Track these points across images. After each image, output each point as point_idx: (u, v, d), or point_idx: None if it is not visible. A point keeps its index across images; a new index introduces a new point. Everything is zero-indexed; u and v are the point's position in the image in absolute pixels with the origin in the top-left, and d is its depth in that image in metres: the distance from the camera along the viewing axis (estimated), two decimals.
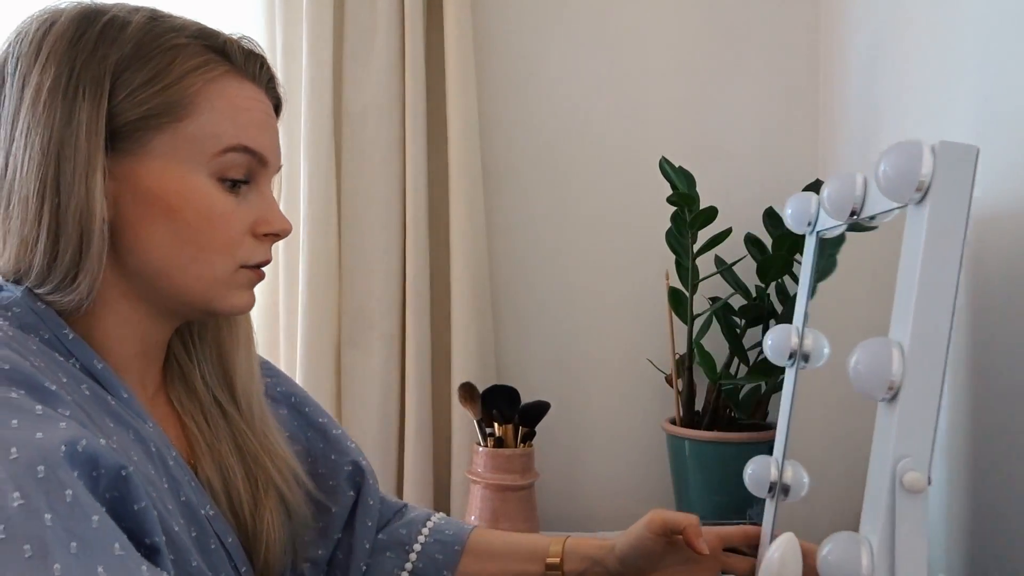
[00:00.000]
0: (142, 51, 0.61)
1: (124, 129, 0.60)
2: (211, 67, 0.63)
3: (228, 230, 0.63)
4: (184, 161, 0.61)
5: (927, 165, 0.55)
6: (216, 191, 0.62)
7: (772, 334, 0.82)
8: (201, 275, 0.63)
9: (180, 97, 0.61)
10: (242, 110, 0.64)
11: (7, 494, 0.44)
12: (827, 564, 0.56)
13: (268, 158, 0.66)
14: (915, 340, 0.54)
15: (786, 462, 0.81)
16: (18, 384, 0.51)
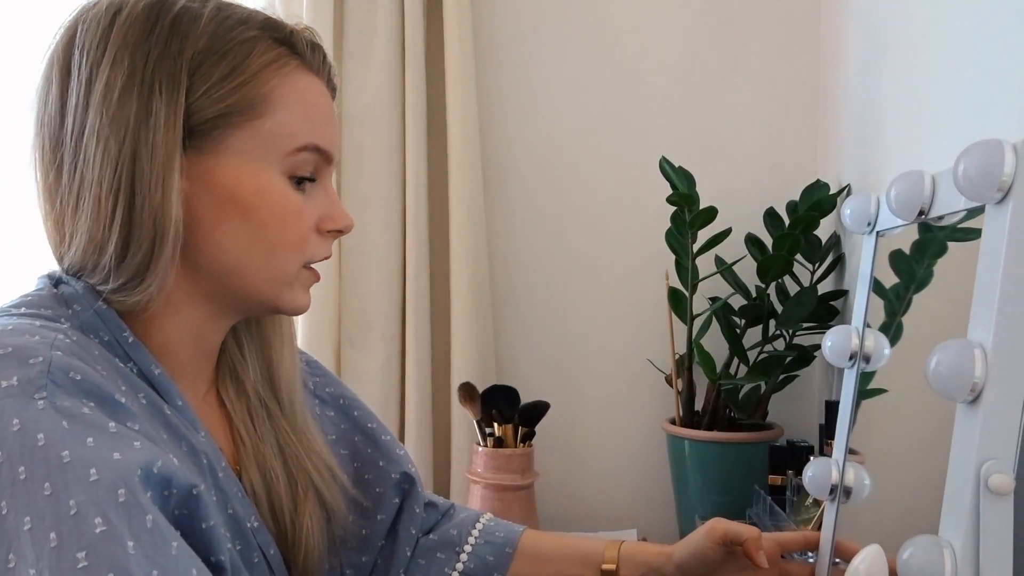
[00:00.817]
0: (217, 44, 0.59)
1: (202, 127, 0.58)
2: (283, 61, 0.61)
3: (300, 228, 0.62)
4: (260, 159, 0.60)
5: (1009, 164, 0.53)
6: (289, 189, 0.62)
7: (832, 335, 0.81)
8: (273, 274, 0.62)
9: (256, 93, 0.59)
10: (313, 106, 0.63)
11: (90, 519, 0.43)
12: (908, 568, 0.55)
13: (334, 155, 0.65)
14: (998, 341, 0.53)
15: (847, 464, 0.80)
16: (89, 396, 0.50)
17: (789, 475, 1.04)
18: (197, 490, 0.51)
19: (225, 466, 0.62)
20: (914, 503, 0.74)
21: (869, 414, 0.84)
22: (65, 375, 0.49)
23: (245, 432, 0.68)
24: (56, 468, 0.44)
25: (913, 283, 0.81)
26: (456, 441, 1.36)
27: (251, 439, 0.68)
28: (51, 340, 0.51)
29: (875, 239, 0.81)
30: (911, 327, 0.81)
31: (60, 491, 0.44)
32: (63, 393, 0.48)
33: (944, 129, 0.92)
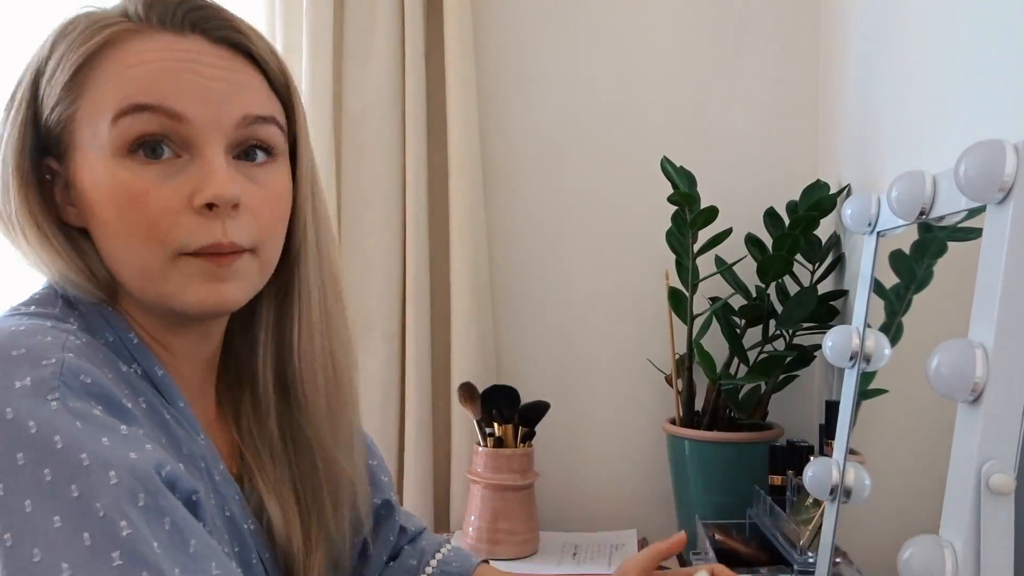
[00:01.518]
0: (53, 46, 0.58)
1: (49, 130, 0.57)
2: (100, 33, 0.56)
3: (147, 210, 0.55)
4: (90, 147, 0.56)
5: (1011, 164, 0.54)
6: (124, 170, 0.55)
7: (833, 335, 0.81)
8: (136, 269, 0.56)
9: (70, 77, 0.56)
10: (137, 65, 0.55)
11: (117, 522, 0.44)
12: (909, 568, 0.55)
13: (180, 110, 0.55)
14: (999, 341, 0.53)
15: (847, 464, 0.80)
16: (98, 399, 0.50)
17: (789, 475, 1.04)
18: (196, 496, 0.52)
19: (223, 469, 0.62)
20: (914, 503, 0.74)
21: (869, 414, 0.84)
22: (76, 377, 0.49)
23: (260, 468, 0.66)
24: (79, 470, 0.45)
25: (913, 283, 0.81)
26: (456, 441, 1.36)
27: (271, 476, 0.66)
28: (63, 341, 0.51)
29: (876, 239, 0.81)
30: (911, 327, 0.81)
31: (87, 493, 0.44)
32: (74, 395, 0.48)
33: (944, 129, 0.92)
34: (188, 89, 0.55)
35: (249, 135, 0.59)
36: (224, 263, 0.57)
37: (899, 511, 0.81)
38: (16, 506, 0.44)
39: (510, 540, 1.20)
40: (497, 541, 1.20)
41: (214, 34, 0.58)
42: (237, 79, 0.58)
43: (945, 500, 0.56)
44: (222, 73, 0.57)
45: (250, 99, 0.59)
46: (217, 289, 0.57)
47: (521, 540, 1.21)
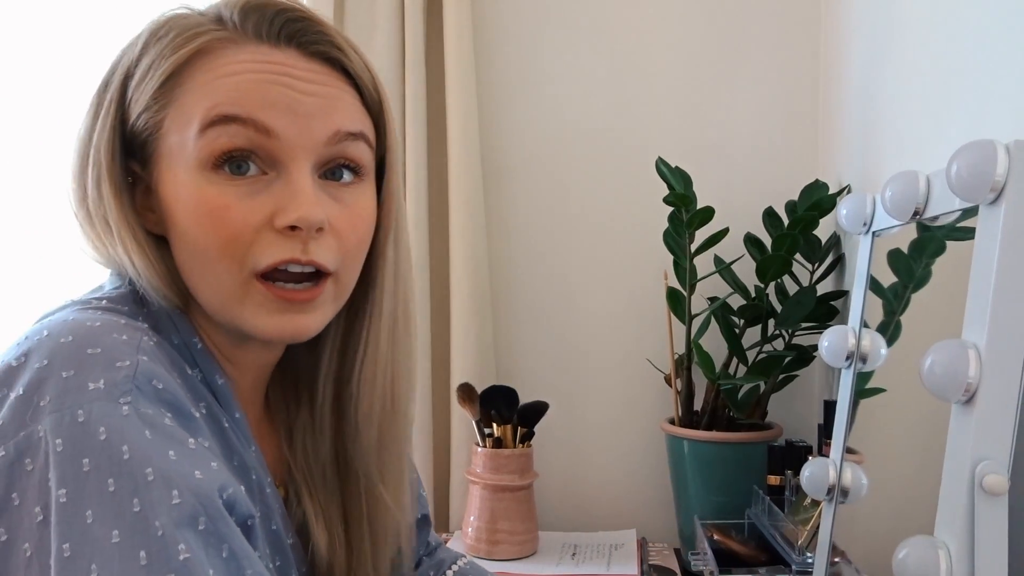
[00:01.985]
0: (144, 49, 0.56)
1: (135, 135, 0.56)
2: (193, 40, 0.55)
3: (227, 227, 0.53)
4: (176, 157, 0.54)
5: (1002, 164, 0.54)
6: (208, 184, 0.53)
7: (829, 335, 0.81)
8: (213, 289, 0.55)
9: (160, 84, 0.55)
10: (229, 76, 0.54)
11: (174, 544, 0.43)
12: (904, 568, 0.55)
13: (270, 124, 0.53)
14: (992, 341, 0.53)
15: (844, 464, 0.80)
16: (168, 406, 0.49)
17: (788, 475, 1.04)
18: (252, 521, 0.51)
19: (271, 482, 0.62)
20: (914, 502, 0.74)
21: (868, 414, 0.84)
22: (149, 382, 0.49)
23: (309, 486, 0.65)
24: (143, 485, 0.44)
25: (911, 282, 0.81)
26: (456, 441, 1.36)
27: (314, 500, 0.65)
28: (137, 343, 0.50)
29: (871, 239, 0.81)
30: (909, 326, 0.81)
31: (148, 509, 0.44)
32: (146, 400, 0.48)
33: (944, 129, 0.92)
34: (279, 103, 0.54)
35: (338, 153, 0.57)
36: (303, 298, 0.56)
37: (898, 510, 0.80)
38: (78, 516, 0.43)
39: (509, 540, 1.20)
40: (496, 541, 1.20)
41: (309, 48, 0.57)
42: (330, 94, 0.57)
43: (939, 501, 0.56)
44: (315, 88, 0.56)
45: (341, 115, 0.57)
46: (293, 320, 0.56)
47: (520, 540, 1.21)
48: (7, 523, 0.44)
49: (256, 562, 0.48)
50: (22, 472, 0.44)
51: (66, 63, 1.46)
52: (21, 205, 1.46)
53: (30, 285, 1.44)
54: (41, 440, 0.45)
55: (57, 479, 0.44)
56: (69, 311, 0.53)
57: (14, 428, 0.45)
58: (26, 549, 0.43)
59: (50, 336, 0.49)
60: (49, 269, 1.42)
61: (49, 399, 0.46)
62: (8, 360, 0.49)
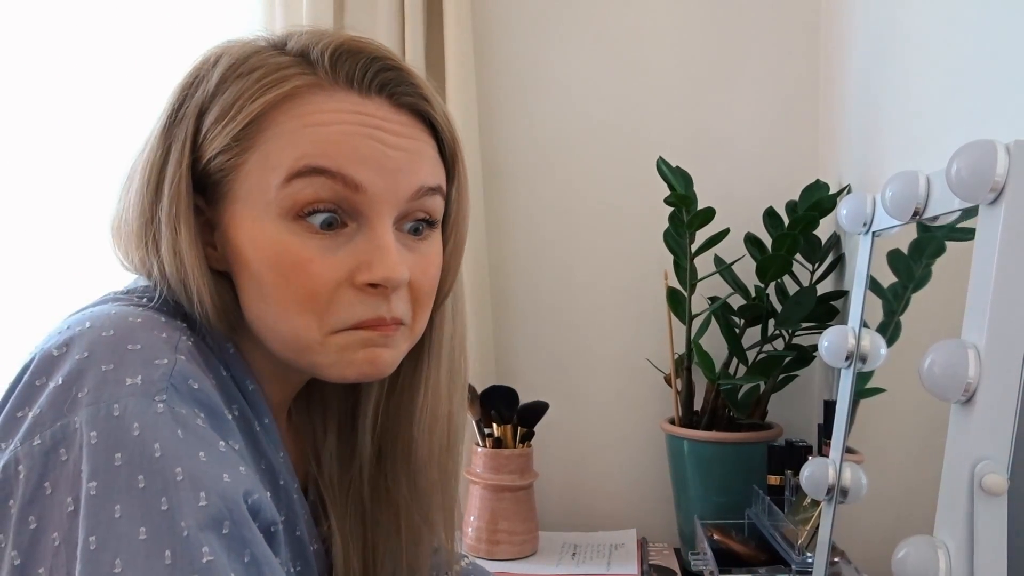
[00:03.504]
0: (221, 84, 0.54)
1: (209, 175, 0.55)
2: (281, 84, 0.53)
3: (309, 283, 0.52)
4: (255, 203, 0.53)
5: (1002, 164, 0.54)
6: (290, 235, 0.52)
7: (829, 335, 0.81)
8: (289, 339, 0.55)
9: (243, 127, 0.53)
10: (317, 125, 0.52)
11: (198, 546, 0.43)
12: (903, 568, 0.55)
13: (359, 179, 0.52)
14: (991, 341, 0.53)
15: (844, 464, 0.80)
16: (202, 407, 0.49)
17: (787, 475, 1.04)
18: (276, 527, 0.51)
19: (297, 487, 0.62)
20: (914, 502, 0.74)
21: (868, 414, 0.84)
22: (185, 382, 0.49)
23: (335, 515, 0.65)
24: (172, 484, 0.44)
25: (911, 282, 0.81)
26: None
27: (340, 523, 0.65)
28: (176, 341, 0.50)
29: (871, 239, 0.81)
30: (909, 326, 0.81)
31: (175, 509, 0.44)
32: (181, 400, 0.48)
33: (944, 129, 0.92)
34: (368, 157, 0.53)
35: (417, 207, 0.57)
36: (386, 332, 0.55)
37: (898, 510, 0.81)
38: (106, 510, 0.43)
39: (509, 540, 1.20)
40: (496, 541, 1.20)
41: (399, 99, 0.56)
42: (416, 148, 0.56)
43: (939, 500, 0.56)
44: (402, 142, 0.55)
45: (425, 170, 0.56)
46: (375, 355, 0.55)
47: (520, 540, 1.21)
48: (39, 511, 0.44)
49: (277, 569, 0.48)
50: (56, 462, 0.45)
51: (66, 66, 1.46)
52: (21, 206, 1.46)
53: (30, 285, 1.44)
54: (76, 432, 0.45)
55: (89, 471, 0.44)
56: (111, 304, 0.53)
57: (51, 417, 0.46)
58: (55, 538, 0.43)
59: (92, 328, 0.49)
60: (49, 269, 1.42)
61: (87, 391, 0.46)
62: (49, 348, 0.49)
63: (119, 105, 1.40)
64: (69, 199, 1.43)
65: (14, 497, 0.45)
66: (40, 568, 0.43)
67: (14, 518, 0.44)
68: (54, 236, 1.44)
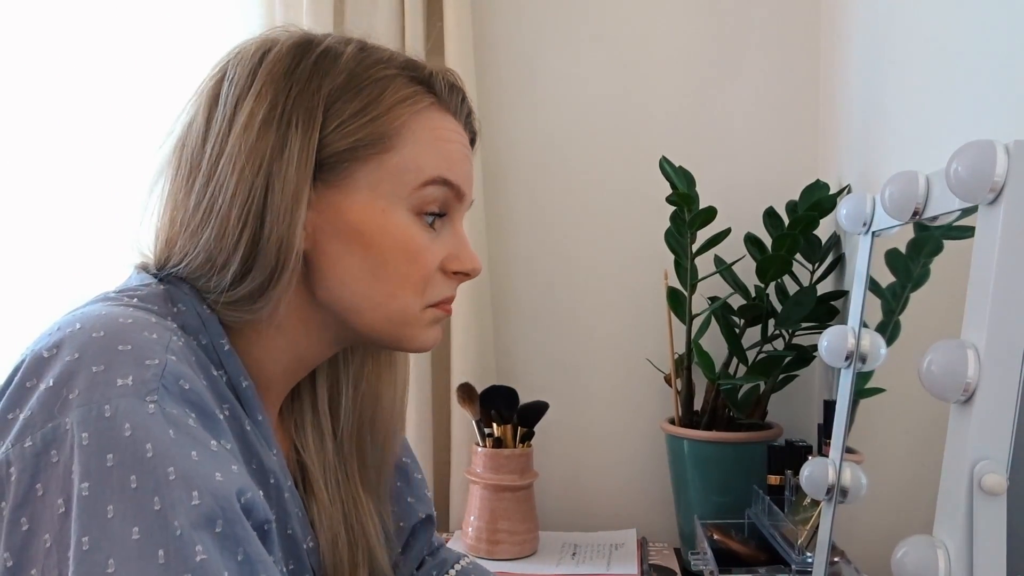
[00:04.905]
0: (353, 82, 0.60)
1: (331, 160, 0.59)
2: (418, 99, 0.62)
3: (424, 267, 0.61)
4: (387, 194, 0.60)
5: (1001, 165, 0.54)
6: (415, 226, 0.61)
7: (828, 335, 0.81)
8: (391, 313, 0.61)
9: (387, 128, 0.60)
10: (444, 142, 0.62)
11: (192, 545, 0.44)
12: (902, 568, 0.55)
13: (465, 191, 0.64)
14: (991, 341, 0.53)
15: (844, 464, 0.80)
16: (193, 407, 0.50)
17: (787, 475, 1.04)
18: (269, 526, 0.52)
19: (290, 485, 0.62)
20: (914, 502, 0.74)
21: (867, 414, 0.84)
22: (176, 382, 0.49)
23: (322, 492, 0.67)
24: (164, 484, 0.44)
25: (910, 282, 0.81)
26: (456, 441, 1.36)
27: (325, 501, 0.67)
28: (167, 342, 0.51)
29: (871, 239, 0.81)
30: (908, 326, 0.81)
31: (168, 509, 0.44)
32: (172, 400, 0.48)
33: (944, 129, 0.92)
34: (469, 174, 0.65)
35: None
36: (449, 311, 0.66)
37: (898, 510, 0.81)
38: (98, 510, 0.43)
39: (509, 540, 1.20)
40: (496, 541, 1.20)
41: (470, 125, 0.68)
42: (474, 166, 0.68)
43: (938, 500, 0.56)
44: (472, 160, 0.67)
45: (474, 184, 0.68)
46: (439, 331, 0.66)
47: (520, 540, 1.21)
48: (30, 513, 0.44)
49: (271, 567, 0.48)
50: (47, 463, 0.45)
51: (65, 65, 1.46)
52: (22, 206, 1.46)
53: (31, 285, 1.44)
54: (68, 433, 0.45)
55: (81, 472, 0.44)
56: (102, 305, 0.54)
57: (42, 419, 0.46)
58: (46, 540, 0.44)
59: (83, 329, 0.49)
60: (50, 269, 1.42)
61: (78, 392, 0.46)
62: (39, 350, 0.49)
63: (118, 104, 1.40)
64: (68, 198, 1.43)
65: (6, 499, 0.45)
66: (32, 570, 0.43)
67: (6, 520, 0.45)
68: (53, 236, 1.44)
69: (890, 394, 0.83)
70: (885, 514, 0.83)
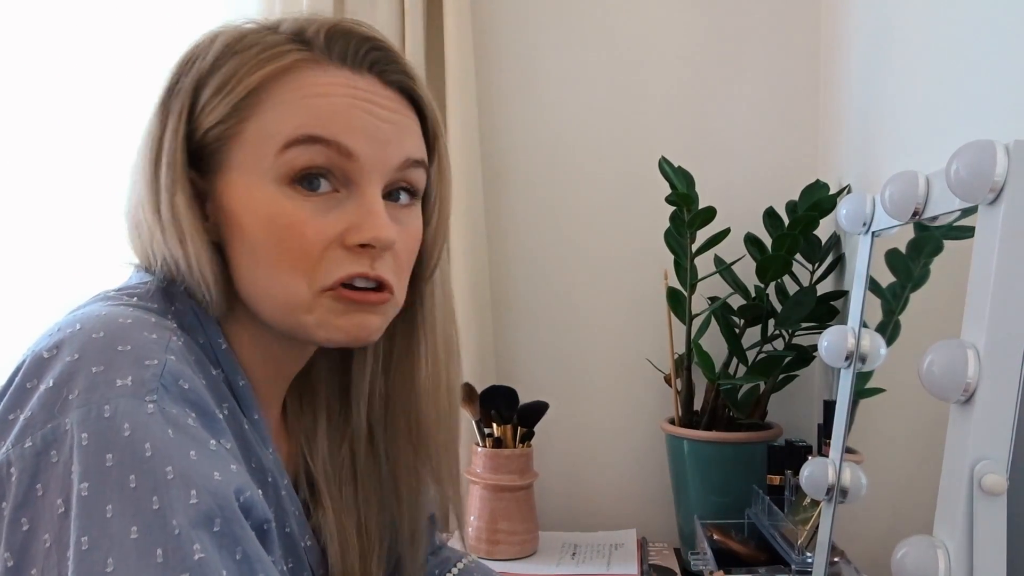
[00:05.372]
0: (219, 60, 0.57)
1: (205, 147, 0.57)
2: (278, 59, 0.56)
3: (301, 243, 0.55)
4: (250, 169, 0.56)
5: (1001, 165, 0.54)
6: (285, 198, 0.55)
7: (828, 335, 0.81)
8: (280, 302, 0.56)
9: (242, 98, 0.56)
10: (315, 97, 0.56)
11: (190, 544, 0.44)
12: (902, 568, 0.55)
13: (352, 147, 0.55)
14: (991, 341, 0.53)
15: (844, 464, 0.81)
16: (193, 407, 0.50)
17: (787, 475, 1.04)
18: (268, 525, 0.51)
19: (287, 484, 0.62)
20: (914, 502, 0.74)
21: (867, 414, 0.84)
22: (175, 382, 0.49)
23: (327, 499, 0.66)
24: (162, 483, 0.44)
25: (910, 282, 0.81)
26: None
27: (333, 509, 0.66)
28: (166, 342, 0.51)
29: (871, 239, 0.81)
30: (908, 326, 0.81)
31: (166, 508, 0.44)
32: (171, 400, 0.48)
33: (944, 130, 0.92)
34: (361, 127, 0.56)
35: (403, 177, 0.60)
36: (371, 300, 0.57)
37: (897, 510, 0.81)
38: (97, 510, 0.43)
39: (509, 540, 1.20)
40: (496, 541, 1.20)
41: (387, 76, 0.60)
42: (403, 122, 0.59)
43: (938, 500, 0.56)
44: (391, 116, 0.58)
45: (411, 143, 0.60)
46: (364, 320, 0.58)
47: (520, 540, 1.21)
48: (30, 513, 0.44)
49: (269, 566, 0.48)
50: (47, 463, 0.45)
51: (64, 64, 1.46)
52: (22, 205, 1.46)
53: (30, 285, 1.44)
54: (67, 433, 0.45)
55: (80, 472, 0.44)
56: (101, 305, 0.54)
57: (42, 419, 0.46)
58: (46, 540, 0.44)
59: (83, 330, 0.49)
60: (50, 269, 1.42)
61: (78, 393, 0.46)
62: (39, 351, 0.49)
63: (117, 103, 1.40)
64: (70, 198, 1.43)
65: (7, 499, 0.45)
66: (32, 569, 0.43)
67: (7, 520, 0.45)
68: (54, 236, 1.44)
69: (890, 394, 0.83)
70: (885, 514, 0.83)
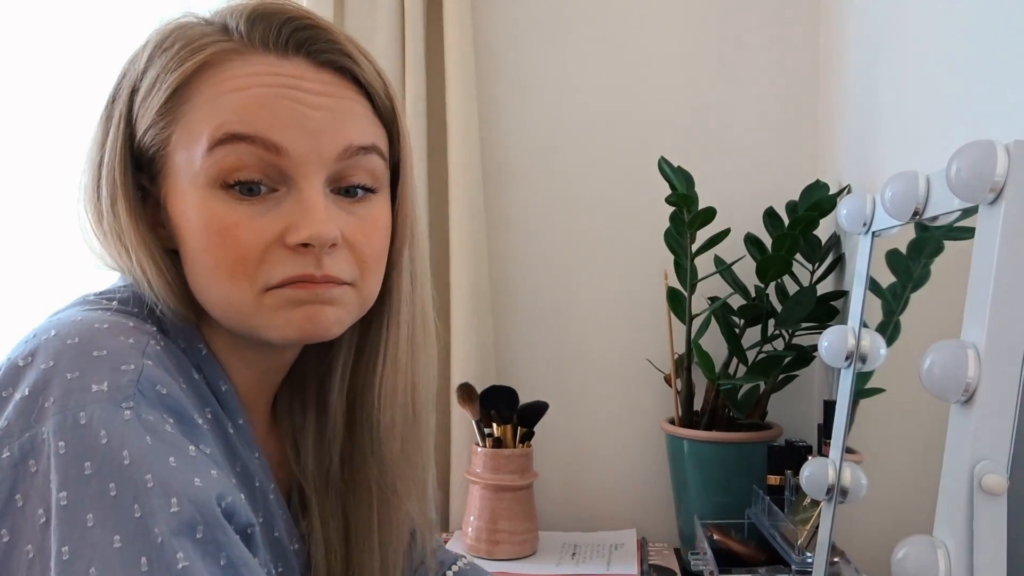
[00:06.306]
0: (149, 62, 0.55)
1: (143, 152, 0.56)
2: (198, 53, 0.53)
3: (237, 246, 0.52)
4: (184, 174, 0.53)
5: (1002, 165, 0.54)
6: (218, 202, 0.52)
7: (828, 335, 0.81)
8: (227, 306, 0.54)
9: (165, 100, 0.53)
10: (236, 91, 0.52)
11: (173, 552, 0.43)
12: (903, 568, 0.55)
13: (279, 142, 0.52)
14: (991, 341, 0.53)
15: (844, 464, 0.81)
16: (171, 412, 0.49)
17: (787, 475, 1.04)
18: (252, 529, 0.51)
19: (275, 488, 0.62)
20: (914, 502, 0.74)
21: (868, 414, 0.84)
22: (152, 387, 0.48)
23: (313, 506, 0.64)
24: (143, 491, 0.44)
25: (910, 282, 0.81)
26: (456, 441, 1.36)
27: (319, 514, 0.65)
28: (143, 346, 0.50)
29: (871, 239, 0.81)
30: (909, 326, 0.81)
31: (148, 516, 0.43)
32: (148, 406, 0.47)
33: (944, 129, 0.92)
34: (287, 119, 0.52)
35: (351, 166, 0.56)
36: (319, 289, 0.54)
37: (899, 510, 0.81)
38: (78, 519, 0.43)
39: (509, 540, 1.20)
40: (496, 541, 1.20)
41: (319, 57, 0.55)
42: (340, 107, 0.55)
43: (938, 500, 0.56)
44: (324, 101, 0.54)
45: (352, 128, 0.56)
46: (314, 312, 0.54)
47: (520, 540, 1.21)
48: (10, 524, 0.44)
49: (256, 570, 0.48)
50: (26, 474, 0.44)
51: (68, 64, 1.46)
52: (22, 204, 1.46)
53: (30, 284, 1.44)
54: (44, 442, 0.45)
55: (59, 481, 0.43)
56: (78, 310, 0.53)
57: (19, 429, 0.45)
58: (28, 551, 0.43)
59: (57, 336, 0.49)
60: (50, 268, 1.42)
61: (53, 400, 0.46)
62: (15, 359, 0.49)
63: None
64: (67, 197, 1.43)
65: None
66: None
67: None
68: (54, 235, 1.44)
69: (890, 394, 0.83)
70: (885, 514, 0.83)
